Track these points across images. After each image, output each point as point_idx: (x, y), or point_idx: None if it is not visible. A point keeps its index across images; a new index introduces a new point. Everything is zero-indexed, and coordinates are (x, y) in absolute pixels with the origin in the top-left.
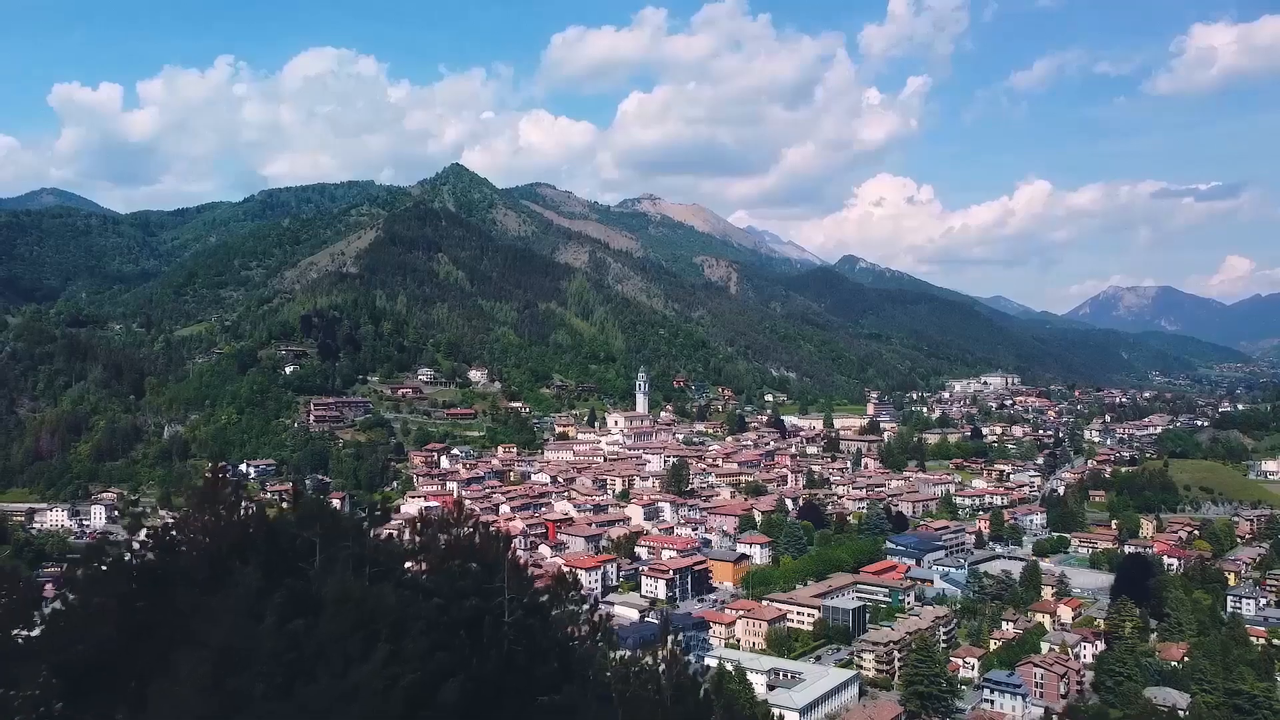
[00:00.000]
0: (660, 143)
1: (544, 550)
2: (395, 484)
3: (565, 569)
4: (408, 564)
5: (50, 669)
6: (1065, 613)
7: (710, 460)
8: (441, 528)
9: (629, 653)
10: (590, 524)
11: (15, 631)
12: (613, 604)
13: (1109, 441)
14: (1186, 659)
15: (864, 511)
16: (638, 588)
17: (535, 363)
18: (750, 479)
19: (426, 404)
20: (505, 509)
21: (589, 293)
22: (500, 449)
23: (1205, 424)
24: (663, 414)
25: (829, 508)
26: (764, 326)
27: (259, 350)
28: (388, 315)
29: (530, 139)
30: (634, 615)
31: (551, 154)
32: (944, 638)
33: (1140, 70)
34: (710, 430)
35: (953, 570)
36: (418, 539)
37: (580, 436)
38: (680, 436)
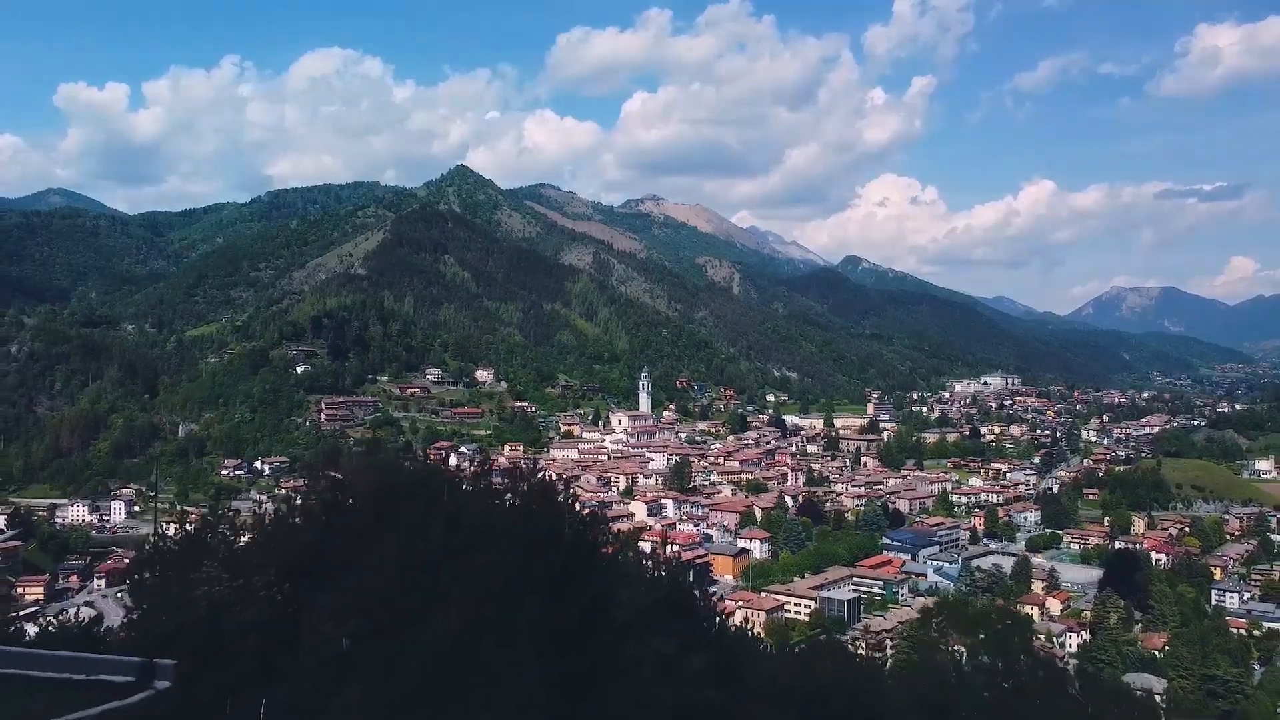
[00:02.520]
0: (664, 143)
1: None
2: None
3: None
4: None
5: (274, 565)
6: (1054, 605)
7: (712, 459)
8: (522, 476)
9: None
10: None
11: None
12: None
13: (1106, 441)
14: (1167, 648)
15: (862, 509)
16: None
17: (540, 363)
18: (751, 477)
19: (434, 403)
20: None
21: (593, 294)
22: (506, 448)
23: (1202, 424)
24: (665, 413)
25: (828, 505)
26: (766, 327)
27: (270, 350)
28: (395, 316)
29: (535, 139)
30: None
31: (556, 154)
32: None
33: (1145, 71)
34: (712, 429)
35: (946, 565)
36: (508, 482)
37: (585, 435)
38: (683, 435)
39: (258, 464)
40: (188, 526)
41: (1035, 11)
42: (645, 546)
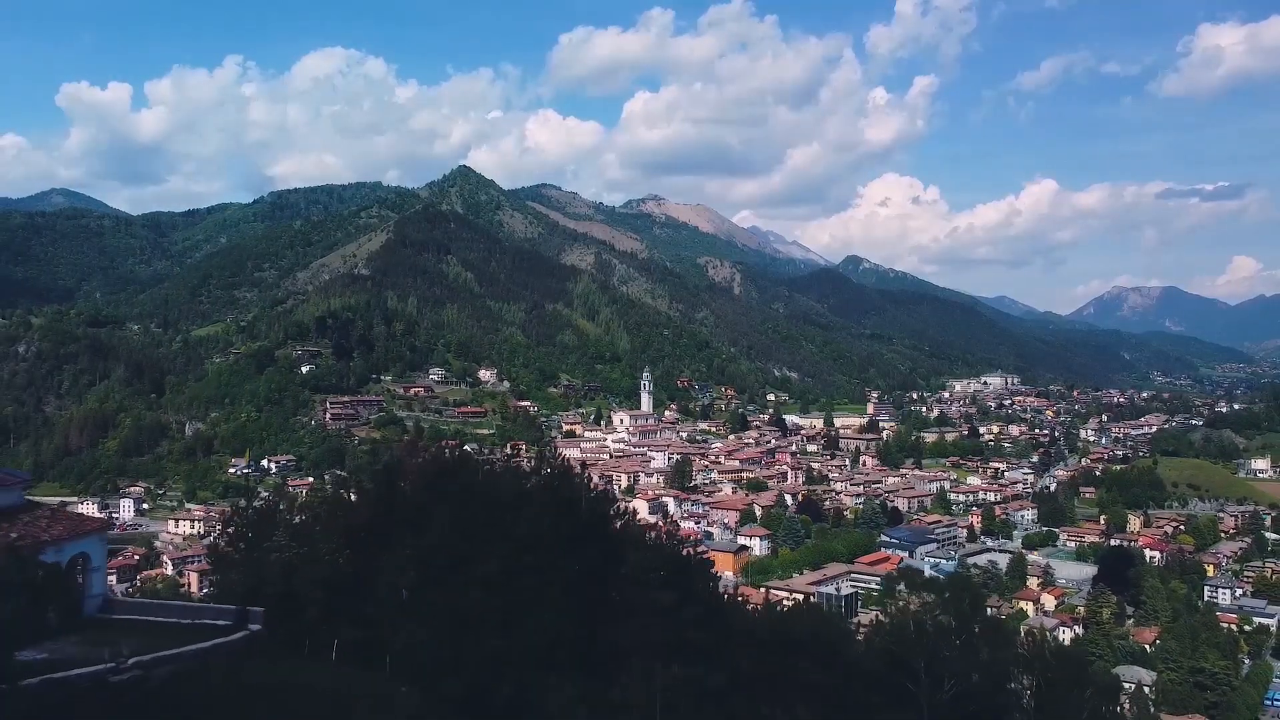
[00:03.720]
0: (665, 143)
1: None
2: None
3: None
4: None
5: (336, 534)
6: (1049, 601)
7: (713, 457)
8: (546, 460)
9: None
10: None
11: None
12: None
13: (1104, 441)
14: (1158, 642)
15: (860, 506)
16: None
17: (543, 363)
18: (751, 475)
19: (438, 403)
20: None
21: (595, 294)
22: (509, 447)
23: (1200, 424)
24: (667, 413)
25: (827, 503)
26: (766, 327)
27: (276, 350)
28: (399, 316)
29: (537, 139)
30: None
31: (558, 154)
32: None
33: (1147, 71)
34: (713, 429)
35: (943, 561)
36: (534, 463)
37: (587, 434)
38: (684, 435)
39: (264, 462)
40: (255, 504)
41: (1038, 11)
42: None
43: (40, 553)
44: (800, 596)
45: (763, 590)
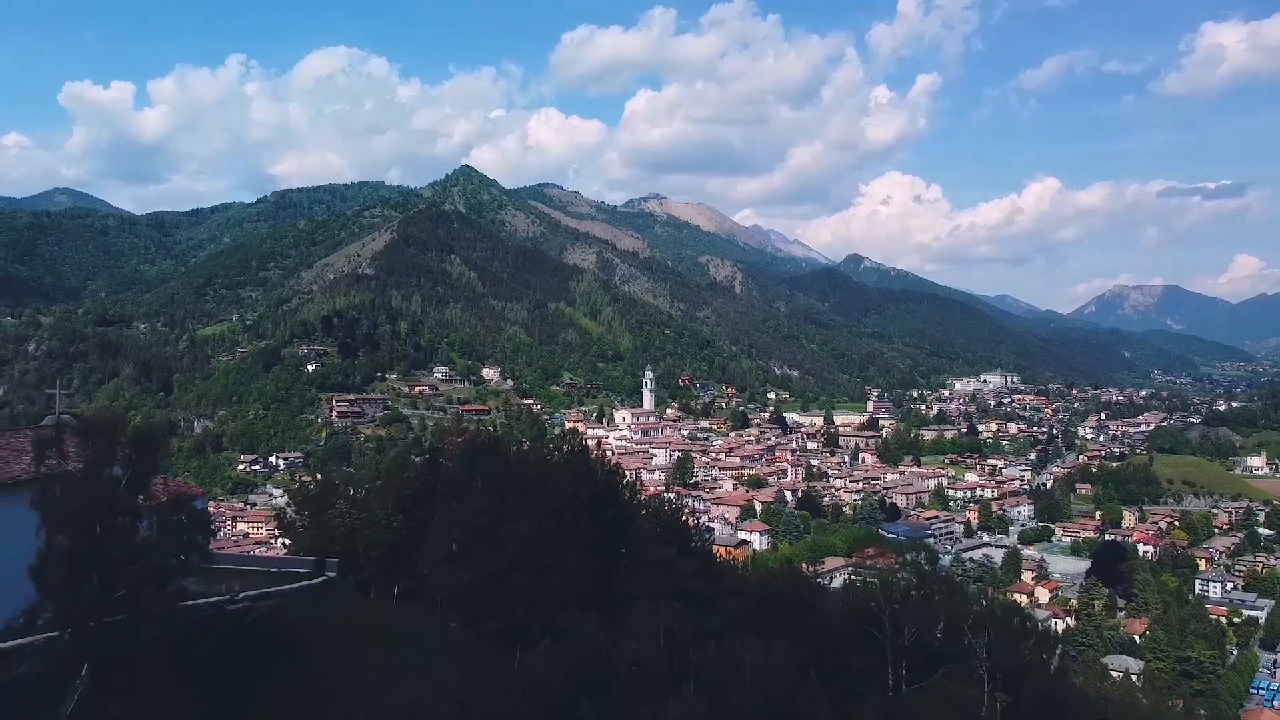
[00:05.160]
0: (667, 142)
1: None
2: None
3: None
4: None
5: (391, 503)
6: (1043, 594)
7: (714, 455)
8: (566, 440)
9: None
10: None
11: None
12: None
13: (1102, 438)
14: (1147, 633)
15: (859, 503)
16: None
17: (545, 361)
18: (752, 472)
19: (442, 401)
20: None
21: (597, 293)
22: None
23: (1197, 421)
24: (669, 411)
25: (826, 499)
26: (767, 326)
27: (282, 349)
28: (404, 315)
29: (539, 137)
30: None
31: (560, 152)
32: None
33: (1150, 69)
34: (714, 426)
35: (940, 556)
36: (557, 444)
37: (590, 432)
38: (685, 432)
39: (273, 459)
40: (318, 477)
41: (1040, 9)
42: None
43: (194, 500)
44: None
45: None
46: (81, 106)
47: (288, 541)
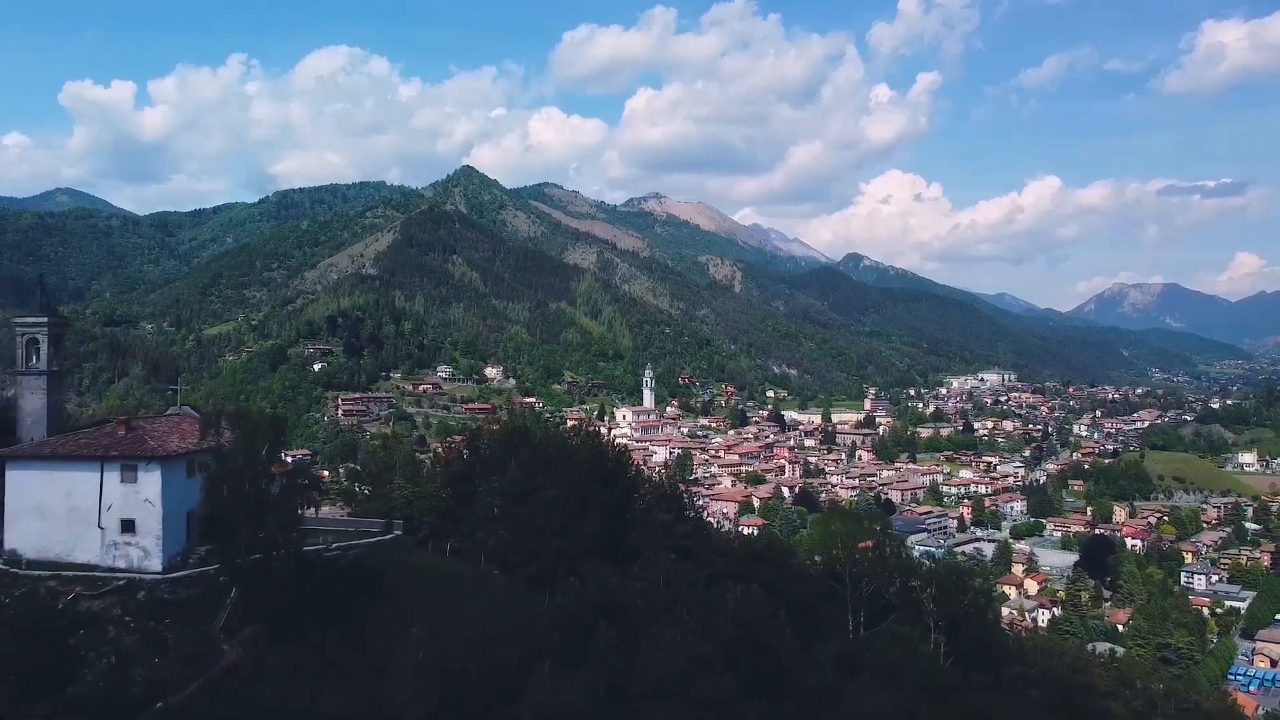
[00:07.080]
0: (667, 141)
1: None
2: None
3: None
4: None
5: (441, 478)
6: (1032, 586)
7: (713, 452)
8: (583, 427)
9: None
10: None
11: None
12: None
13: (1096, 436)
14: (1130, 622)
15: (855, 499)
16: None
17: (547, 360)
18: (750, 469)
19: (445, 399)
20: None
21: (597, 292)
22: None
23: (1191, 419)
24: (669, 409)
25: (822, 495)
26: (766, 325)
27: (288, 349)
28: (407, 315)
29: (540, 136)
30: None
31: (560, 151)
32: None
33: (1150, 67)
34: (713, 424)
35: (932, 549)
36: (574, 429)
37: None
38: (685, 430)
39: (280, 456)
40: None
41: (1041, 8)
42: None
43: (304, 461)
44: None
45: None
46: (82, 106)
47: (348, 510)
